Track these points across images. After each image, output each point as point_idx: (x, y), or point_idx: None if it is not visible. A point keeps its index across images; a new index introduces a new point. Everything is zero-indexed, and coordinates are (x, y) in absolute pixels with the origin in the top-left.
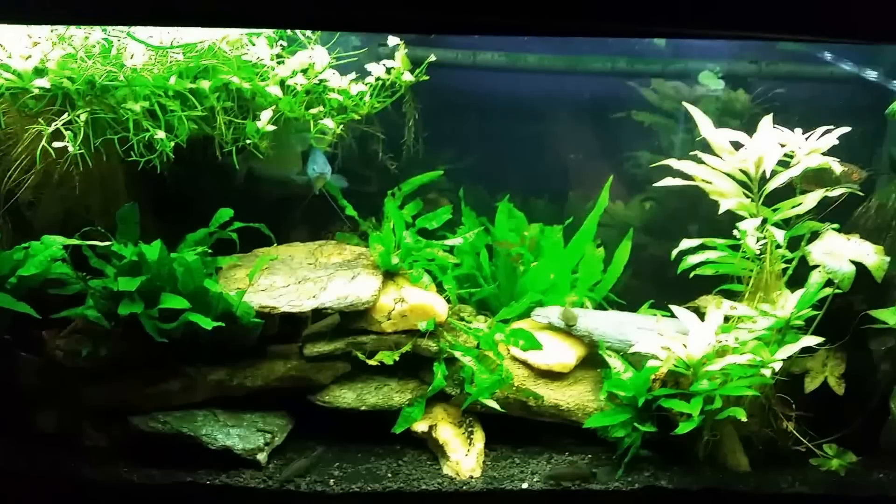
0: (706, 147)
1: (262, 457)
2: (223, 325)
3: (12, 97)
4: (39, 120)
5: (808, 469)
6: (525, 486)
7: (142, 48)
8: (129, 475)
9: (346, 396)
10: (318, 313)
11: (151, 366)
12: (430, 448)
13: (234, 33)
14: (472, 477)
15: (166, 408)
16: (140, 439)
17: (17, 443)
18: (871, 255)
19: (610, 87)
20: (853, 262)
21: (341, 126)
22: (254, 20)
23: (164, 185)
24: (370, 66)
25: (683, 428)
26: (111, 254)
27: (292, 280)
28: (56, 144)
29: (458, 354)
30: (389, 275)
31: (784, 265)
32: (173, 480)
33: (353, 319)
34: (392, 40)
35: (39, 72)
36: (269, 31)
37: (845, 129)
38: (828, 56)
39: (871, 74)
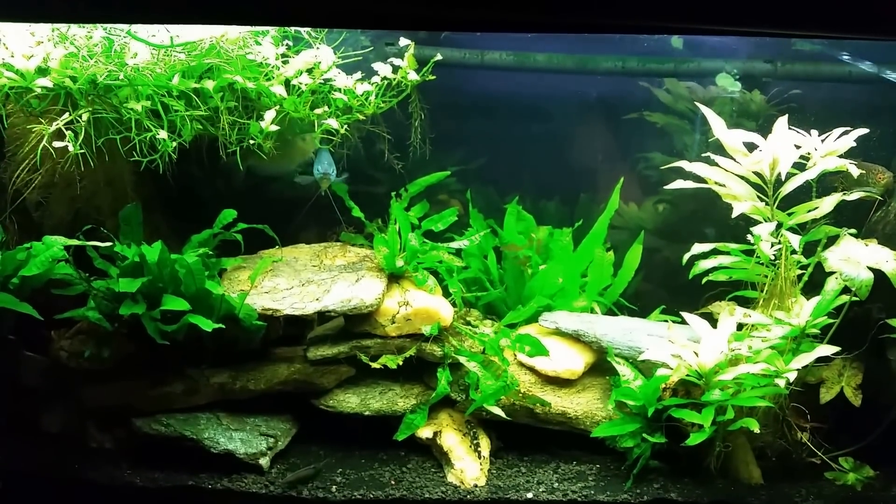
0: (720, 149)
1: (264, 461)
2: (223, 326)
3: (15, 97)
4: (41, 120)
5: (824, 483)
6: (530, 495)
7: (145, 46)
8: (131, 477)
9: (350, 401)
10: (324, 316)
11: (155, 368)
12: (434, 454)
13: (235, 31)
14: (476, 486)
15: (169, 410)
16: (143, 441)
17: (21, 443)
18: (890, 262)
19: (622, 87)
20: (871, 268)
21: (346, 126)
22: (258, 17)
23: (174, 185)
24: (377, 66)
25: (694, 439)
26: (115, 255)
27: (296, 282)
28: (60, 144)
29: (462, 360)
30: (394, 277)
31: (799, 271)
32: (175, 483)
33: (357, 323)
34: (401, 40)
35: (42, 71)
36: (273, 30)
37: (863, 131)
38: (846, 56)
39: (892, 74)
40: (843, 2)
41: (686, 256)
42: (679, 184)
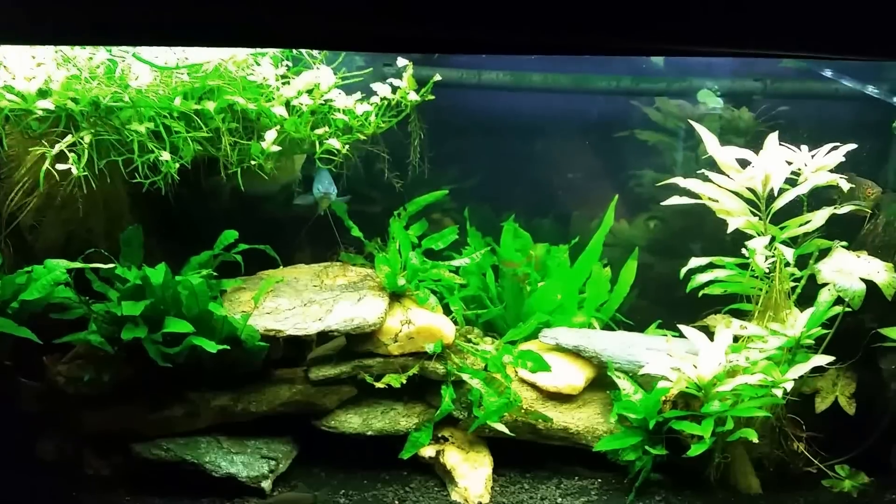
0: (711, 165)
1: (266, 484)
2: (228, 347)
3: (16, 119)
4: (43, 142)
5: (820, 490)
6: None
7: (148, 69)
8: None
9: (351, 421)
10: (325, 336)
11: (154, 392)
12: (437, 473)
13: (241, 53)
14: (480, 503)
15: (169, 434)
16: (143, 467)
17: (17, 471)
18: (882, 273)
19: (614, 106)
20: (863, 279)
21: (346, 146)
22: (260, 40)
23: (168, 206)
24: (376, 86)
25: (695, 450)
26: (114, 277)
27: (298, 302)
28: (60, 167)
29: (465, 377)
30: (396, 296)
31: (793, 283)
32: None
33: (360, 342)
34: (399, 60)
35: (43, 93)
36: (274, 51)
37: (852, 146)
38: (831, 73)
39: (876, 91)
40: (833, 24)
41: (683, 270)
42: (673, 200)
